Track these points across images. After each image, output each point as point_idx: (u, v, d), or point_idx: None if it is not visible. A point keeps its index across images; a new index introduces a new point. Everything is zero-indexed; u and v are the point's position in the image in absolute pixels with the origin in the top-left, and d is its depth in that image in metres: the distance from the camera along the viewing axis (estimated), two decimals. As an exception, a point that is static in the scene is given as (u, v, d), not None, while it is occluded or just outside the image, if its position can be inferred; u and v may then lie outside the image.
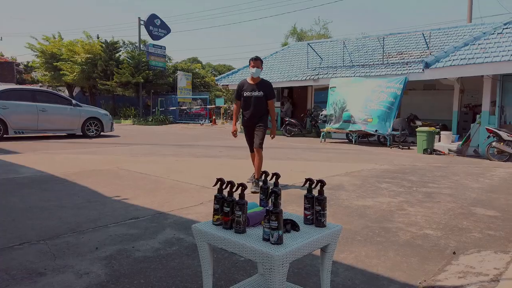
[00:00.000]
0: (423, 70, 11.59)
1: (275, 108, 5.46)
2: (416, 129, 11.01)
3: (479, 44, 10.50)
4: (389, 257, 2.97)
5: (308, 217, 1.94)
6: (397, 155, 9.94)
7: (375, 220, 3.93)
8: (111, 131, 13.66)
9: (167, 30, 26.77)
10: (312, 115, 16.45)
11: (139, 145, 11.08)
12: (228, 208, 1.84)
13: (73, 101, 12.69)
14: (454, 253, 3.04)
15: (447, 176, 6.69)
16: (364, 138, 13.88)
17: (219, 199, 1.91)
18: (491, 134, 9.26)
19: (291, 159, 8.48)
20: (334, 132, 14.20)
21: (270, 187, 2.18)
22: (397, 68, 13.52)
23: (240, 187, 1.87)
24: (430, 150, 10.36)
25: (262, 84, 5.27)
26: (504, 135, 9.04)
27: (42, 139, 11.80)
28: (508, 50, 9.59)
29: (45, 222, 3.66)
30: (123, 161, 7.69)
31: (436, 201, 4.83)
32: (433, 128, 10.93)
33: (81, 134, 12.72)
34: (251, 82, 5.27)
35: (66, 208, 4.17)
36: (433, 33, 15.24)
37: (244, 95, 5.26)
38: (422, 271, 2.71)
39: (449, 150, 10.50)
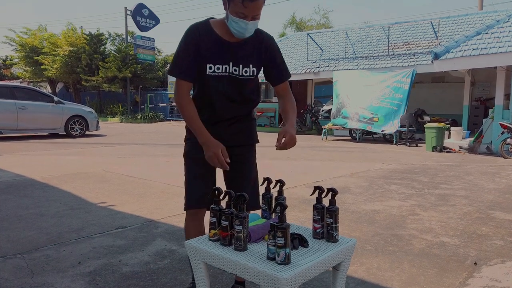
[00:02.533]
0: (432, 61, 11.50)
1: (293, 97, 2.26)
2: (425, 125, 10.92)
3: (492, 33, 10.41)
4: (403, 269, 2.86)
5: (318, 230, 1.81)
6: (405, 153, 9.85)
7: (386, 227, 3.82)
8: (96, 130, 13.52)
9: (156, 21, 26.51)
10: (313, 111, 16.30)
11: (127, 145, 10.93)
12: (226, 221, 1.71)
13: (55, 98, 12.52)
14: (475, 263, 2.93)
15: (460, 176, 6.60)
16: (368, 135, 13.80)
17: (216, 211, 1.78)
18: (505, 129, 9.19)
19: (291, 159, 8.36)
20: (336, 129, 14.10)
21: (274, 196, 2.06)
22: (404, 59, 13.43)
23: (241, 198, 1.74)
24: (439, 147, 10.28)
25: (259, 44, 2.12)
26: (519, 130, 8.97)
27: (22, 139, 11.63)
28: (523, 40, 9.53)
29: (22, 233, 3.52)
30: (109, 163, 7.55)
31: (451, 204, 4.73)
32: (442, 124, 10.85)
33: (64, 133, 12.56)
34: (225, 38, 2.04)
35: (47, 216, 4.03)
36: (442, 21, 15.14)
37: (208, 72, 2.04)
38: (442, 285, 2.60)
39: (460, 147, 10.42)
